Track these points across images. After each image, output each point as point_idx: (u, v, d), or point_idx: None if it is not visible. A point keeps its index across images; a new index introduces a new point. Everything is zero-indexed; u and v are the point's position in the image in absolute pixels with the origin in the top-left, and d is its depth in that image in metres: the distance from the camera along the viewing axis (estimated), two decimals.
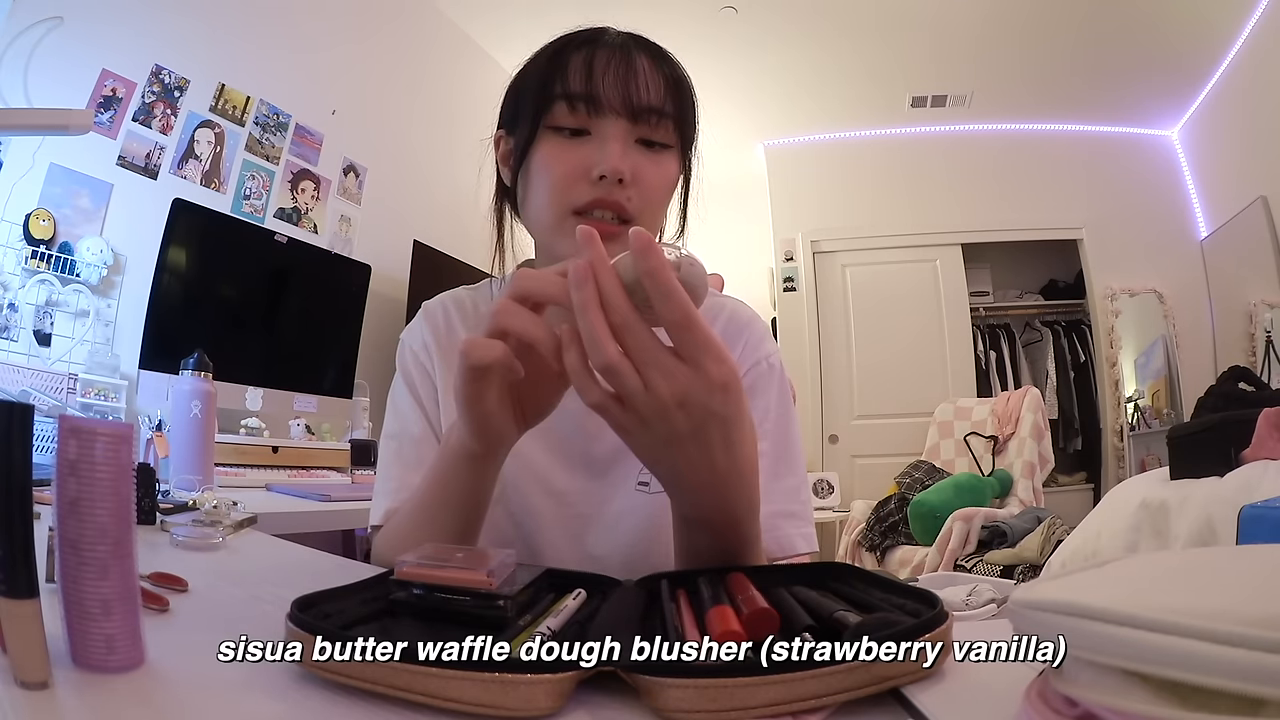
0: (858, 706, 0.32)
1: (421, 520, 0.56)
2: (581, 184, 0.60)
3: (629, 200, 0.60)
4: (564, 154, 0.61)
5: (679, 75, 0.64)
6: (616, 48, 0.62)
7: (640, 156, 0.61)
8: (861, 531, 3.35)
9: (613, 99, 0.60)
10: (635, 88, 0.60)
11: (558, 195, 0.61)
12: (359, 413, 2.29)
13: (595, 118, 0.60)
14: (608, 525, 0.69)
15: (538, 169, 0.62)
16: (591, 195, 0.60)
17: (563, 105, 0.61)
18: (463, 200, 3.04)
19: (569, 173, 0.60)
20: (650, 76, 0.61)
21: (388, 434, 0.73)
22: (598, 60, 0.61)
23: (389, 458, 0.71)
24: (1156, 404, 3.79)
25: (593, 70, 0.60)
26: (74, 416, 0.86)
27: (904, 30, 3.33)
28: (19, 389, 1.58)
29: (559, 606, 0.44)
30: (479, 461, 0.51)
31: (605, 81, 0.60)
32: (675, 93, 0.63)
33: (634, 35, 0.65)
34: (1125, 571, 0.30)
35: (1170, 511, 1.61)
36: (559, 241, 0.63)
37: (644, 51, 0.63)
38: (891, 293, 4.14)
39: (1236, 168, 3.55)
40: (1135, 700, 0.22)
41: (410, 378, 0.73)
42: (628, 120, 0.61)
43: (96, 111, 1.89)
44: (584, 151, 0.60)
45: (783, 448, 0.70)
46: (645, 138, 0.62)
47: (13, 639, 0.30)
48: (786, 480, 0.70)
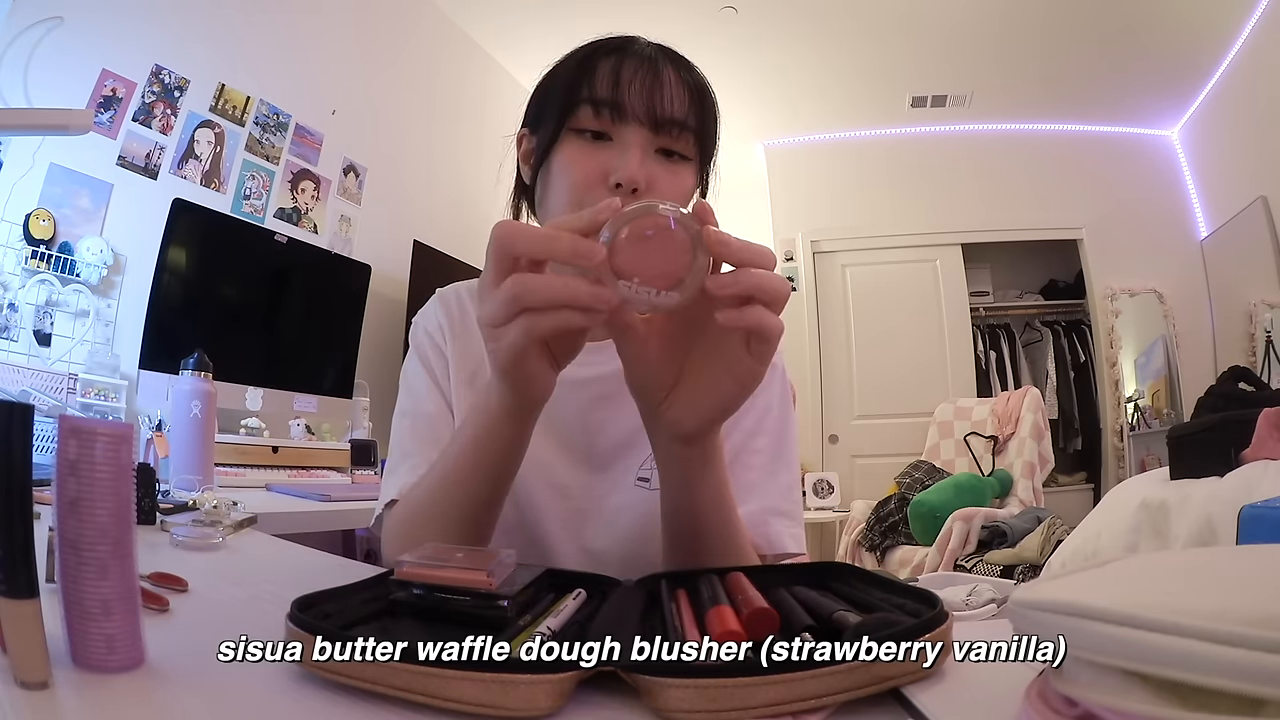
0: (858, 706, 0.32)
1: (450, 486, 0.55)
2: (599, 189, 0.61)
3: None
4: (584, 157, 0.62)
5: (704, 89, 0.65)
6: (645, 58, 0.62)
7: (658, 167, 0.62)
8: (861, 531, 3.35)
9: (636, 107, 0.61)
10: (660, 98, 0.61)
11: (575, 197, 0.61)
12: (359, 413, 2.29)
13: (618, 124, 0.61)
14: (607, 520, 0.69)
15: (558, 170, 0.63)
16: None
17: (588, 109, 0.61)
18: (463, 200, 3.06)
19: (587, 176, 0.61)
20: (676, 89, 0.62)
21: (401, 411, 0.73)
22: (625, 68, 0.61)
23: (404, 434, 0.71)
24: (1156, 404, 3.79)
25: (620, 78, 0.61)
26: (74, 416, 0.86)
27: (904, 30, 3.33)
28: (19, 389, 1.58)
29: (559, 606, 0.44)
30: (521, 415, 0.50)
31: (631, 89, 0.61)
32: (699, 106, 0.64)
33: (663, 47, 0.65)
34: (1125, 571, 0.30)
35: (1170, 511, 1.61)
36: None
37: (671, 63, 0.63)
38: (891, 293, 4.14)
39: (1236, 168, 3.55)
40: (1135, 700, 0.22)
41: (425, 357, 0.74)
42: (650, 130, 0.61)
43: (96, 111, 1.89)
44: (604, 157, 0.61)
45: (780, 446, 0.71)
46: (665, 148, 0.62)
47: (13, 639, 0.30)
48: (781, 478, 0.70)
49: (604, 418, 0.70)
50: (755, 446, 0.70)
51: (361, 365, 2.34)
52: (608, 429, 0.70)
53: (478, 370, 0.72)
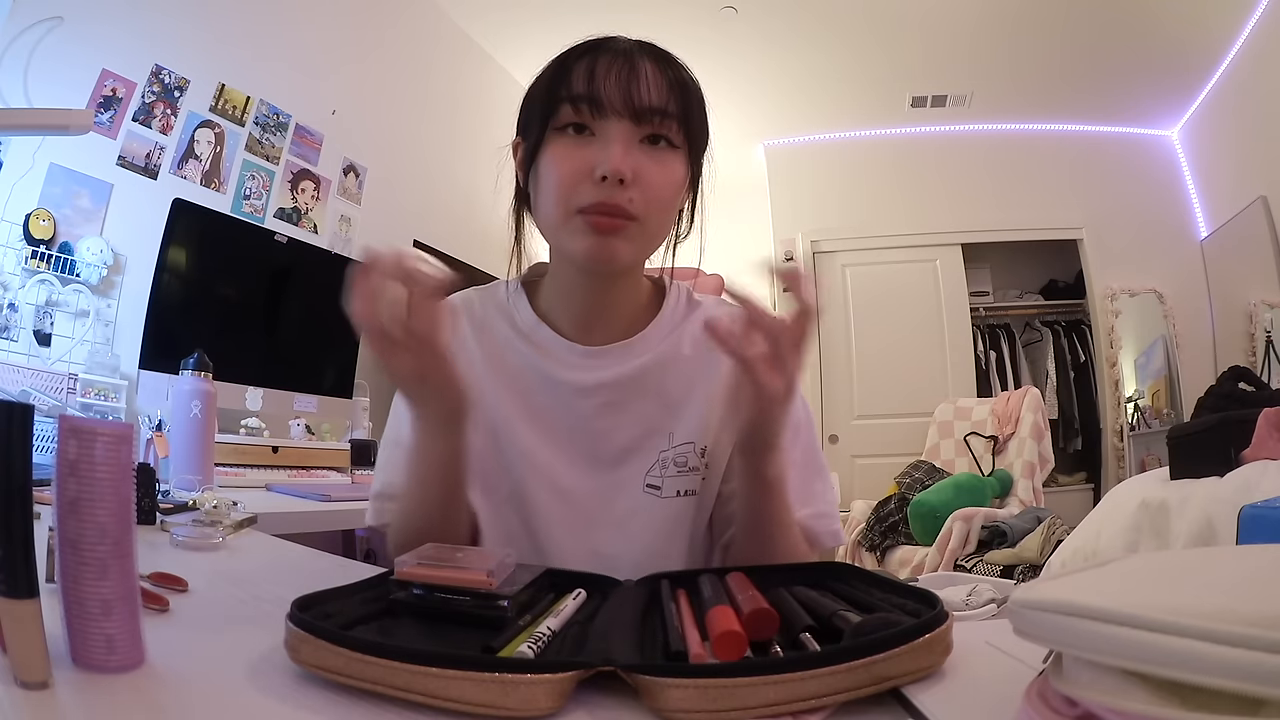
0: (858, 706, 0.32)
1: (410, 506, 0.63)
2: (585, 184, 0.61)
3: (630, 201, 0.61)
4: (569, 154, 0.62)
5: (684, 78, 0.65)
6: (621, 53, 0.63)
7: (644, 157, 0.62)
8: (861, 531, 3.35)
9: (614, 99, 0.61)
10: (637, 88, 0.61)
11: (563, 194, 0.62)
12: (359, 413, 2.29)
13: (598, 119, 0.62)
14: (616, 525, 0.69)
15: (545, 169, 0.64)
16: (594, 196, 0.61)
17: (568, 107, 0.62)
18: (463, 200, 3.06)
19: (573, 172, 0.61)
20: (654, 78, 0.62)
21: (387, 439, 0.74)
22: (600, 64, 0.62)
23: (383, 462, 0.73)
24: (1156, 404, 3.79)
25: (595, 73, 0.62)
26: (74, 416, 0.86)
27: (904, 30, 3.33)
28: (19, 389, 1.58)
29: (559, 606, 0.44)
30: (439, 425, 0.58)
31: (608, 83, 0.61)
32: (680, 94, 0.64)
33: (641, 42, 0.66)
34: (1125, 571, 0.30)
35: (1170, 511, 1.61)
36: (565, 240, 0.64)
37: (648, 56, 0.64)
38: (891, 293, 4.13)
39: (1236, 168, 3.55)
40: (1135, 700, 0.22)
41: None
42: (631, 121, 0.62)
43: (96, 111, 1.89)
44: (588, 152, 0.61)
45: (809, 453, 0.73)
46: (651, 135, 0.63)
47: (13, 639, 0.30)
48: (815, 485, 0.72)
49: (610, 424, 0.70)
50: (792, 460, 0.71)
51: (361, 365, 2.33)
52: (613, 435, 0.70)
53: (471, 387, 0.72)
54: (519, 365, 0.71)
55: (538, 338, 0.72)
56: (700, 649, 0.36)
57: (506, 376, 0.71)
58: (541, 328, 0.72)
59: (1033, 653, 0.31)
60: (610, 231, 0.61)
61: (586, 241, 0.62)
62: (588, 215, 0.61)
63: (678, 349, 0.72)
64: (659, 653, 0.38)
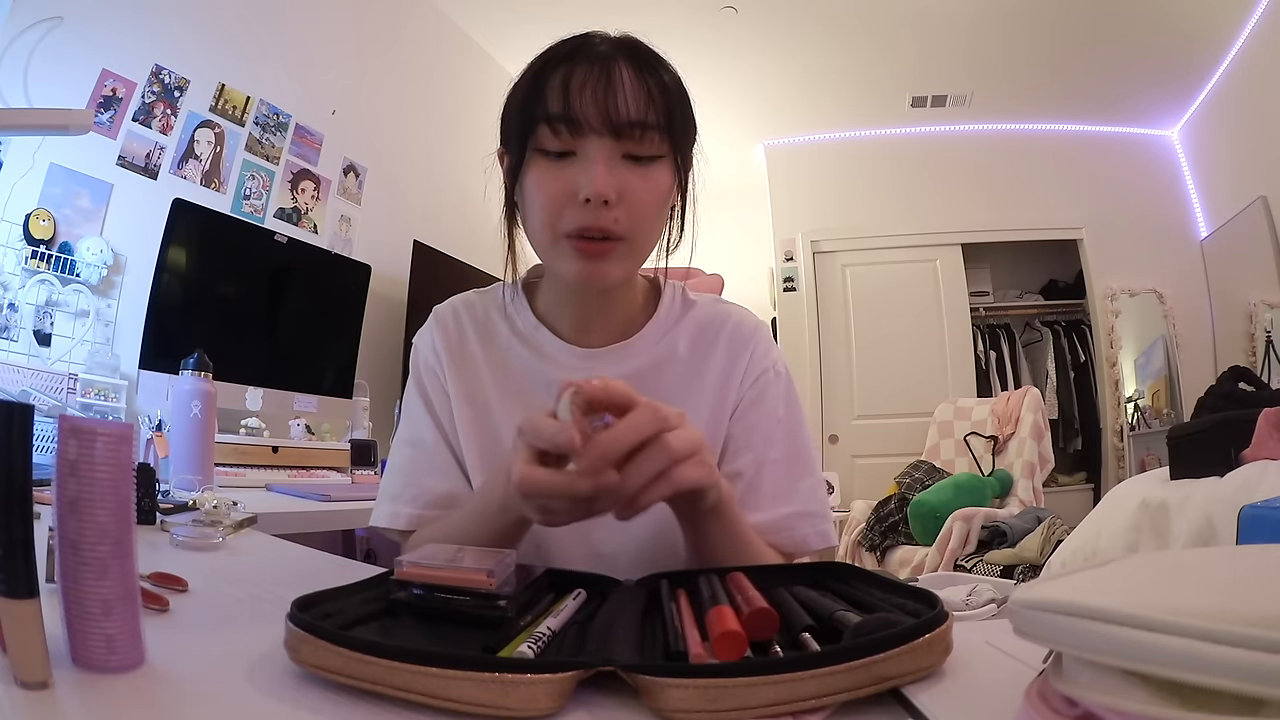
0: (858, 706, 0.32)
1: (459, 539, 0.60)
2: (569, 207, 0.60)
3: (616, 222, 0.60)
4: (551, 178, 0.61)
5: (665, 81, 0.62)
6: (597, 59, 0.60)
7: (627, 173, 0.61)
8: (861, 531, 3.35)
9: (592, 118, 0.59)
10: (614, 104, 0.59)
11: (548, 219, 0.61)
12: (359, 413, 2.29)
13: (577, 138, 0.60)
14: (616, 524, 0.69)
15: (529, 192, 0.63)
16: (579, 220, 0.60)
17: (545, 129, 0.60)
18: (463, 200, 3.05)
19: (556, 196, 0.60)
20: (631, 89, 0.60)
21: (401, 439, 0.74)
22: (575, 77, 0.59)
23: (402, 462, 0.72)
24: (1156, 404, 3.79)
25: (569, 90, 0.59)
26: (74, 416, 0.86)
27: (904, 30, 3.33)
28: (19, 389, 1.58)
29: (559, 606, 0.44)
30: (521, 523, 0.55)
31: (583, 100, 0.59)
32: (661, 100, 0.61)
33: (620, 41, 0.63)
34: (1125, 571, 0.30)
35: (1170, 511, 1.61)
36: (555, 262, 0.64)
37: (627, 61, 0.61)
38: (891, 293, 4.13)
39: (1236, 168, 3.55)
40: (1135, 700, 0.22)
41: (423, 385, 0.74)
42: (610, 138, 0.60)
43: (96, 111, 1.89)
44: (569, 174, 0.60)
45: (795, 450, 0.71)
46: (631, 153, 0.61)
47: (13, 639, 0.30)
48: (803, 481, 0.70)
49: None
50: (771, 457, 0.70)
51: (361, 365, 2.33)
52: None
53: (476, 391, 0.72)
54: (520, 369, 0.72)
55: (537, 341, 0.72)
56: (700, 649, 0.36)
57: (509, 379, 0.72)
58: (541, 331, 0.72)
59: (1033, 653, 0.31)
60: (598, 255, 0.61)
61: (575, 265, 0.62)
62: (574, 240, 0.61)
63: (674, 349, 0.72)
64: (659, 653, 0.38)
